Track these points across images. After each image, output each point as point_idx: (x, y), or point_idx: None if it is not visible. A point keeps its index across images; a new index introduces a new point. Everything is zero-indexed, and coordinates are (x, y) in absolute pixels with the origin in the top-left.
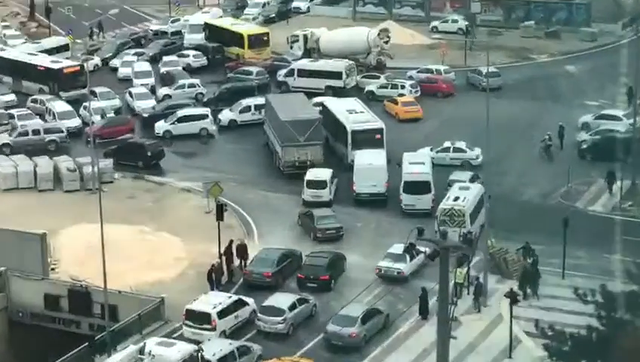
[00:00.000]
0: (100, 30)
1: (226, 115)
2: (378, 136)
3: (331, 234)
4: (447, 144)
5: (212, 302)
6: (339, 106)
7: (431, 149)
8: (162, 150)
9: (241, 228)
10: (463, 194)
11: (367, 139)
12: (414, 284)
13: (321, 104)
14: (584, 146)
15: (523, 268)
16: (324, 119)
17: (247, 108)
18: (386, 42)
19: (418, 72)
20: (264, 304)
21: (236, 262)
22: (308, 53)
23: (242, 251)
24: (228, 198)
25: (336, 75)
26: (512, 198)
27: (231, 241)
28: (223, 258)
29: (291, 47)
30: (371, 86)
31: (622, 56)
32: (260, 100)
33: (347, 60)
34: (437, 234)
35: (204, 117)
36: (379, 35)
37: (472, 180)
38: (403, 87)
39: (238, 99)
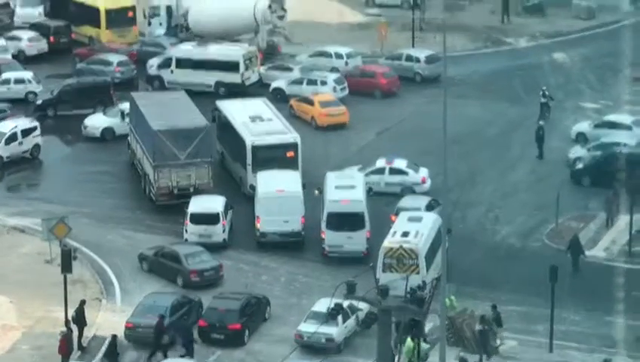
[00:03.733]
0: None
1: None
2: (291, 153)
3: (210, 277)
4: (380, 163)
5: None
6: (239, 111)
7: (359, 170)
8: None
9: (96, 283)
10: (415, 227)
11: (274, 157)
12: (347, 360)
13: (215, 108)
14: (579, 166)
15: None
16: (220, 129)
17: (13, 137)
18: (281, 17)
19: (310, 56)
20: None
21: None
22: (174, 31)
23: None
24: (78, 241)
25: (232, 66)
26: (480, 239)
27: (82, 302)
28: (73, 327)
29: (149, 23)
30: (279, 82)
31: (629, 40)
32: (27, 123)
33: (246, 45)
34: (376, 288)
35: None
36: (270, 7)
37: (429, 208)
38: (324, 82)
39: (87, 99)
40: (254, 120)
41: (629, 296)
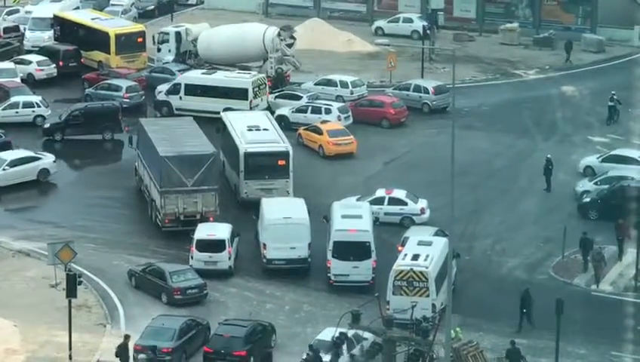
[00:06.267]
0: None
1: None
2: (282, 161)
3: (193, 295)
4: (380, 193)
5: None
6: (239, 121)
7: (358, 199)
8: None
9: (101, 308)
10: (425, 251)
11: (266, 165)
12: None
13: (220, 119)
14: (587, 200)
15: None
16: (223, 140)
17: None
18: (290, 45)
19: (315, 84)
20: None
21: None
22: (182, 57)
23: None
24: (83, 266)
25: (240, 94)
26: (486, 271)
27: (126, 337)
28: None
29: (159, 50)
30: (284, 109)
31: (639, 74)
32: None
33: (255, 72)
34: (381, 317)
35: None
36: (279, 35)
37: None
38: (328, 110)
39: (95, 124)
40: (251, 129)
41: (635, 330)
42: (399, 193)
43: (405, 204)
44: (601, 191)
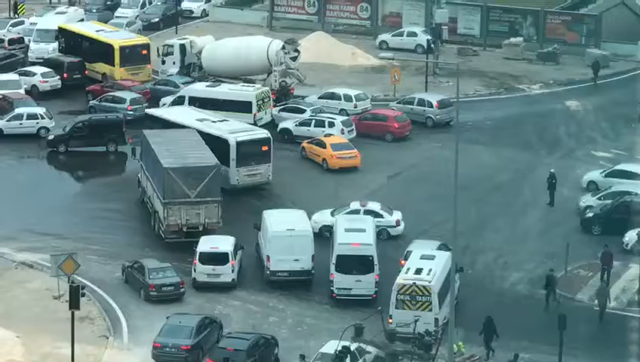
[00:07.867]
0: None
1: None
2: (265, 147)
3: (169, 292)
4: (355, 205)
5: None
6: (184, 116)
7: (332, 213)
8: None
9: (104, 320)
10: (428, 265)
11: (253, 152)
12: None
13: (151, 115)
14: (590, 215)
15: None
16: None
17: None
18: (294, 58)
19: (319, 97)
20: None
21: None
22: (186, 70)
23: None
24: (86, 278)
25: (244, 107)
26: (489, 285)
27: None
28: None
29: (163, 62)
30: (287, 122)
31: None
32: None
33: (259, 85)
34: (383, 331)
35: None
36: (283, 48)
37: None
38: (332, 124)
39: (99, 136)
40: (215, 121)
41: (639, 345)
42: (374, 205)
43: (380, 216)
44: (604, 206)
